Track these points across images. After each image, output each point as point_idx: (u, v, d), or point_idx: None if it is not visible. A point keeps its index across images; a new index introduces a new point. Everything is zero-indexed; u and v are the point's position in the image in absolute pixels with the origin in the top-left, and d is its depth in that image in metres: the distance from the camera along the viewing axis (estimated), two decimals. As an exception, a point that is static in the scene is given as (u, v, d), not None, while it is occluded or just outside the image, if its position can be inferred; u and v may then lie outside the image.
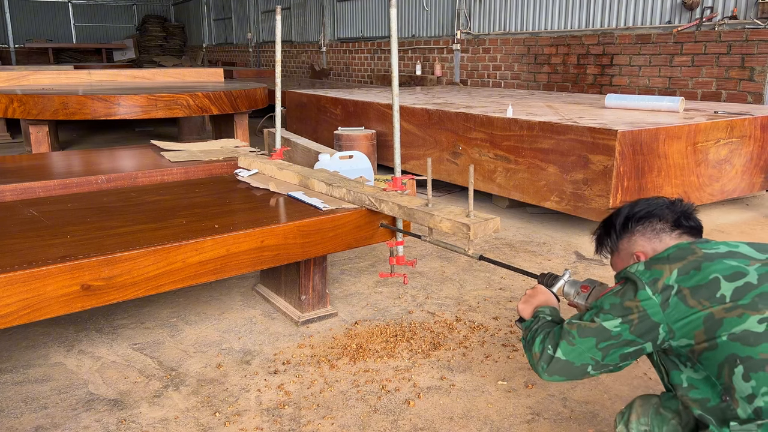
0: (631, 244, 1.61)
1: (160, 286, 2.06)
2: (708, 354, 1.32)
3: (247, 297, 3.02)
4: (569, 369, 1.47)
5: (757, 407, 1.23)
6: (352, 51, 11.62)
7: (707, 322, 1.32)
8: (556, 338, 1.50)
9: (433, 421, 2.02)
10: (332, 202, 2.58)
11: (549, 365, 1.48)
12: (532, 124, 4.04)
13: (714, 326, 1.31)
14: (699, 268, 1.37)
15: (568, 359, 1.46)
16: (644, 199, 1.65)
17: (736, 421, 1.25)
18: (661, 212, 1.58)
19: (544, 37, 7.54)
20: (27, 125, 6.05)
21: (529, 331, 1.61)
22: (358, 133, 5.22)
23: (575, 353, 1.45)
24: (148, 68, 11.11)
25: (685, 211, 1.58)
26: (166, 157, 3.56)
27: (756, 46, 5.44)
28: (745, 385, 1.25)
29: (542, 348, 1.51)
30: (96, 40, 20.54)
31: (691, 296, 1.35)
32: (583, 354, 1.45)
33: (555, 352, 1.47)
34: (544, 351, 1.50)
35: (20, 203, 2.69)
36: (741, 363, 1.26)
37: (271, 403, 2.12)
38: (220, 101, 6.12)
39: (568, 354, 1.46)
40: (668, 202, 1.60)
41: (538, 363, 1.51)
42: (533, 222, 4.29)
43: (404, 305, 2.92)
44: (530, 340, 1.58)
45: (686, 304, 1.35)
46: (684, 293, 1.36)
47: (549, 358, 1.48)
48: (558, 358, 1.47)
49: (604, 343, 1.42)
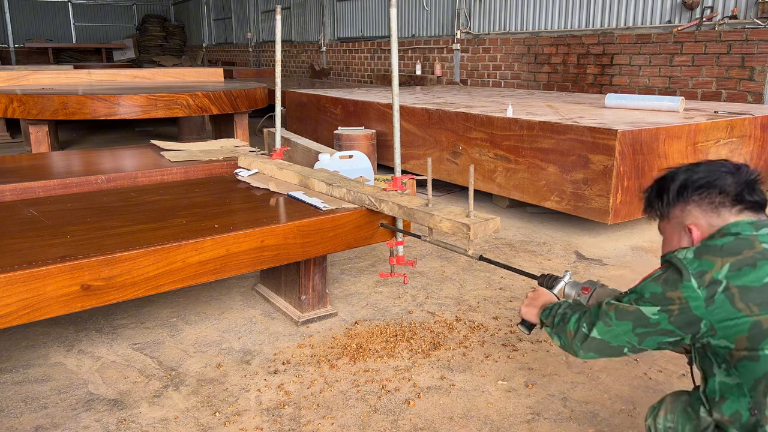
0: (684, 214, 1.43)
1: (160, 286, 2.06)
2: (747, 363, 1.25)
3: (247, 297, 3.02)
4: (605, 347, 1.44)
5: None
6: (352, 51, 11.62)
7: (753, 329, 1.23)
8: (592, 317, 1.46)
9: (433, 421, 2.02)
10: (332, 202, 2.58)
11: (584, 343, 1.45)
12: (532, 124, 4.04)
13: (759, 336, 1.22)
14: (754, 266, 1.25)
15: (603, 338, 1.43)
16: (705, 163, 1.45)
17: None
18: (722, 183, 1.38)
19: (544, 36, 7.54)
20: (27, 125, 6.05)
21: (553, 315, 1.59)
22: (358, 132, 5.22)
23: (611, 334, 1.41)
24: (147, 68, 11.11)
25: (749, 183, 1.38)
26: (166, 157, 3.56)
27: (756, 46, 5.44)
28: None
29: (577, 326, 1.48)
30: (96, 40, 20.53)
31: (740, 298, 1.24)
32: (620, 336, 1.40)
33: (590, 331, 1.44)
34: (579, 329, 1.47)
35: (20, 203, 2.69)
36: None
37: (271, 402, 2.12)
38: (220, 101, 6.12)
39: (604, 334, 1.42)
40: (732, 169, 1.41)
41: (572, 341, 1.48)
42: (533, 222, 4.29)
43: (404, 305, 2.92)
44: (559, 321, 1.55)
45: (733, 305, 1.25)
46: (732, 292, 1.25)
47: (584, 336, 1.45)
48: (593, 337, 1.43)
49: (642, 330, 1.37)
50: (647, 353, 2.43)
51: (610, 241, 3.83)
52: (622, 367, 2.35)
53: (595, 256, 3.58)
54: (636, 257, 3.56)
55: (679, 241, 1.45)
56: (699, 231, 1.40)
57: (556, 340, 1.56)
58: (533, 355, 2.44)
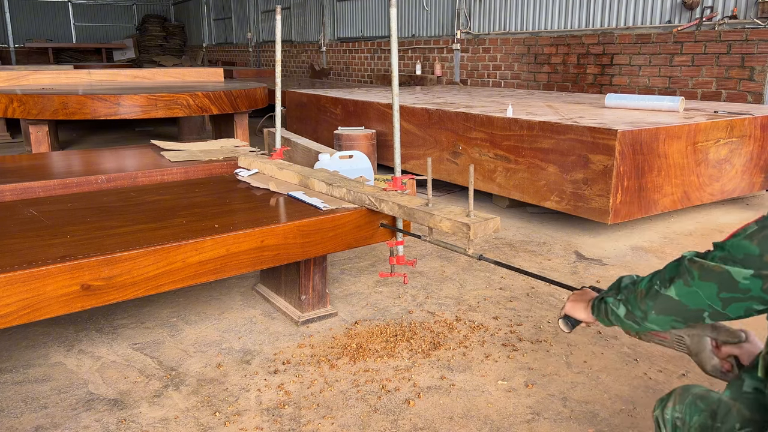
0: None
1: (160, 286, 2.06)
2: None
3: (247, 297, 3.02)
4: (681, 310, 1.28)
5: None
6: (352, 51, 11.62)
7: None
8: (670, 273, 1.29)
9: (433, 421, 2.02)
10: (332, 202, 2.58)
11: (656, 302, 1.29)
12: (532, 124, 4.04)
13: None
14: None
15: (681, 300, 1.26)
16: None
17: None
18: None
19: (544, 36, 7.54)
20: (27, 125, 6.05)
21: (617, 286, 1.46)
22: (358, 132, 5.22)
23: (691, 296, 1.25)
24: (148, 68, 11.12)
25: None
26: (166, 157, 3.56)
27: (756, 46, 5.44)
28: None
29: (650, 285, 1.31)
30: (96, 39, 20.54)
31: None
32: (700, 299, 1.24)
33: (667, 289, 1.27)
34: (652, 288, 1.30)
35: (20, 203, 2.69)
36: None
37: (271, 402, 2.12)
38: (220, 101, 6.12)
39: (682, 295, 1.26)
40: None
41: (641, 301, 1.32)
42: (533, 222, 4.29)
43: (404, 305, 2.92)
44: (627, 285, 1.41)
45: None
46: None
47: (658, 295, 1.29)
48: (669, 296, 1.27)
49: (727, 294, 1.21)
50: (647, 353, 2.43)
51: (610, 241, 3.83)
52: (622, 367, 2.35)
53: (595, 256, 3.58)
54: (636, 257, 3.56)
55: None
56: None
57: (621, 308, 1.39)
58: (533, 355, 2.44)
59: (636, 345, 2.50)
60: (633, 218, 3.77)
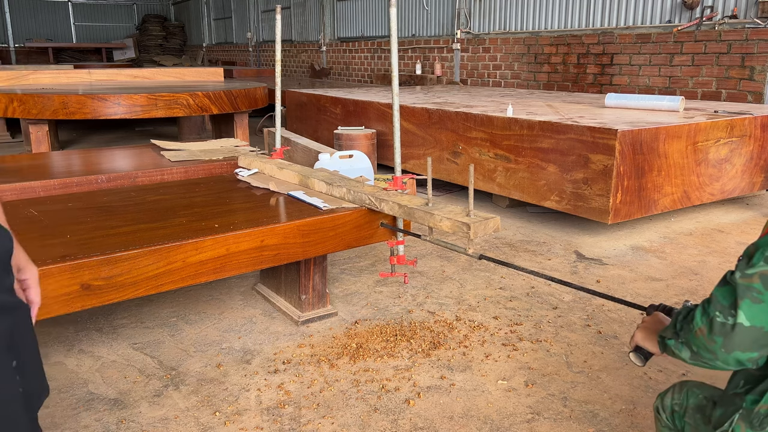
0: None
1: (160, 285, 2.06)
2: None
3: (247, 296, 3.02)
4: (758, 338, 1.09)
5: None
6: (352, 50, 11.62)
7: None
8: (728, 299, 1.12)
9: (433, 421, 2.02)
10: (332, 202, 2.58)
11: (728, 338, 1.10)
12: (532, 124, 4.04)
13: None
14: None
15: (755, 324, 1.08)
16: None
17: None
18: None
19: (544, 36, 7.53)
20: (27, 125, 6.05)
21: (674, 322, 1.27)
22: (358, 132, 5.22)
23: (765, 313, 1.08)
24: (148, 68, 11.11)
25: None
26: (166, 157, 3.56)
27: (756, 46, 5.43)
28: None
29: (709, 320, 1.13)
30: (96, 39, 20.53)
31: None
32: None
33: (734, 317, 1.09)
34: (713, 322, 1.12)
35: (20, 203, 2.69)
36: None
37: (271, 402, 2.12)
38: (220, 101, 6.12)
39: (755, 317, 1.08)
40: None
41: (709, 340, 1.13)
42: (533, 221, 4.29)
43: (404, 305, 2.92)
44: (683, 323, 1.23)
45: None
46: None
47: (726, 328, 1.10)
48: (740, 324, 1.09)
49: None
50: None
51: (609, 241, 3.83)
52: (622, 367, 2.35)
53: (595, 256, 3.58)
54: (636, 257, 3.56)
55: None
56: None
57: (685, 352, 1.21)
58: (533, 354, 2.44)
59: (636, 345, 2.50)
60: (633, 218, 3.77)
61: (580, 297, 2.97)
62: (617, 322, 2.71)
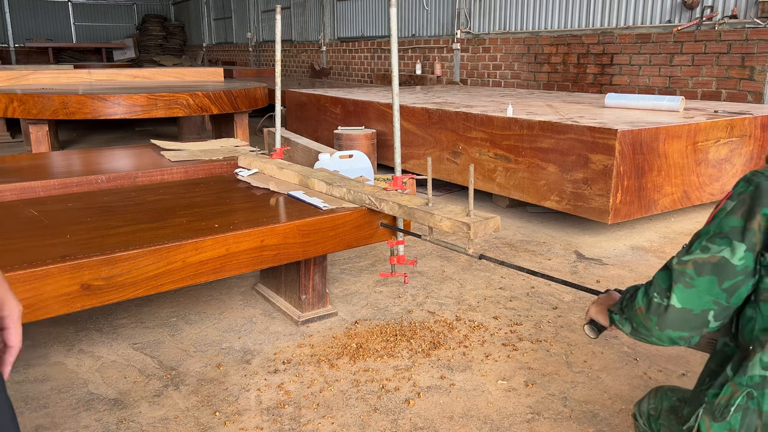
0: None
1: (160, 285, 2.06)
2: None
3: (247, 296, 3.02)
4: (688, 319, 1.20)
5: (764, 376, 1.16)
6: (352, 50, 11.62)
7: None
8: (664, 282, 1.22)
9: (433, 421, 2.02)
10: (332, 202, 2.58)
11: (661, 318, 1.22)
12: (532, 124, 4.04)
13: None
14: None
15: (685, 306, 1.19)
16: None
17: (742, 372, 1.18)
18: None
19: (544, 36, 7.54)
20: (27, 125, 6.05)
21: (621, 299, 1.38)
22: (358, 132, 5.22)
23: (695, 298, 1.18)
24: (148, 68, 11.12)
25: None
26: (166, 157, 3.56)
27: (756, 46, 5.43)
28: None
29: (647, 300, 1.24)
30: (96, 39, 20.53)
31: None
32: (704, 298, 1.18)
33: (668, 298, 1.20)
34: (650, 302, 1.23)
35: (20, 203, 2.69)
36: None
37: (271, 402, 2.12)
38: (220, 101, 6.12)
39: (685, 300, 1.19)
40: None
41: (646, 318, 1.25)
42: (533, 221, 4.29)
43: (404, 305, 2.92)
44: (627, 301, 1.33)
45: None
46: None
47: (660, 308, 1.22)
48: (672, 306, 1.20)
49: (729, 282, 1.16)
50: (647, 353, 2.43)
51: (609, 241, 3.83)
52: (622, 367, 2.35)
53: (595, 256, 3.58)
54: (636, 257, 3.56)
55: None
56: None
57: (627, 327, 1.33)
58: (533, 354, 2.44)
59: (636, 344, 2.50)
60: (633, 218, 3.77)
61: (580, 297, 2.97)
62: (617, 322, 2.71)
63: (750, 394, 1.16)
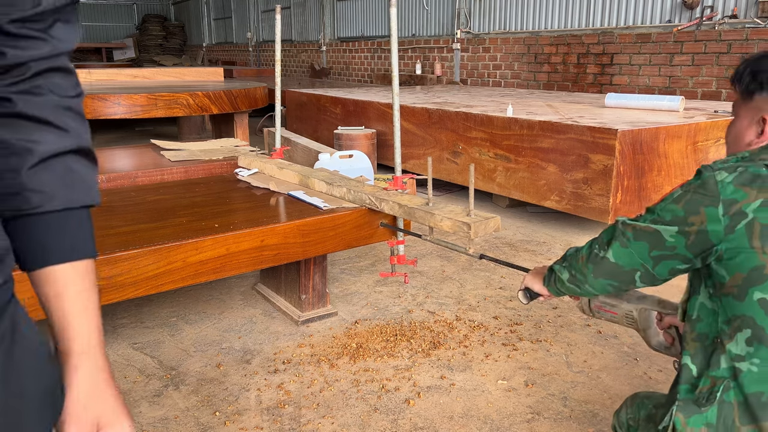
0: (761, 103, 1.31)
1: (160, 285, 2.06)
2: (732, 301, 1.23)
3: (247, 296, 3.02)
4: (618, 272, 1.35)
5: (738, 368, 1.20)
6: (352, 50, 11.62)
7: (753, 272, 1.19)
8: (607, 237, 1.37)
9: (433, 421, 2.02)
10: (332, 202, 2.58)
11: (596, 266, 1.37)
12: (532, 124, 4.04)
13: (755, 280, 1.19)
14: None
15: (617, 262, 1.34)
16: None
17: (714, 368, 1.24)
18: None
19: (544, 36, 7.53)
20: (27, 125, 6.03)
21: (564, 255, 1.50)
22: (358, 132, 5.22)
23: (627, 256, 1.32)
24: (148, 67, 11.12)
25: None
26: (166, 157, 3.56)
27: (756, 46, 5.43)
28: (743, 346, 1.21)
29: (590, 250, 1.39)
30: (96, 39, 20.53)
31: (759, 236, 1.18)
32: (634, 258, 1.32)
33: (606, 251, 1.35)
34: (591, 252, 1.39)
35: (20, 203, 2.68)
36: (752, 329, 1.19)
37: (271, 402, 2.12)
38: (220, 100, 6.12)
39: (619, 256, 1.33)
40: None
41: (584, 266, 1.39)
42: (533, 221, 4.29)
43: (404, 304, 2.92)
44: (571, 254, 1.47)
45: (750, 242, 1.19)
46: (754, 227, 1.19)
47: (597, 258, 1.37)
48: (607, 258, 1.35)
49: (657, 252, 1.29)
50: (647, 353, 2.43)
51: (610, 241, 3.83)
52: (622, 367, 2.35)
53: (595, 256, 3.57)
54: (636, 257, 3.56)
55: (747, 128, 1.35)
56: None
57: (565, 273, 1.46)
58: (533, 354, 2.44)
59: (636, 344, 2.50)
60: (633, 218, 3.77)
61: (580, 297, 2.97)
62: (617, 322, 2.71)
63: (726, 386, 1.20)
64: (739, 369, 1.20)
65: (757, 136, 1.33)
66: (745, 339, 1.20)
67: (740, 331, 1.21)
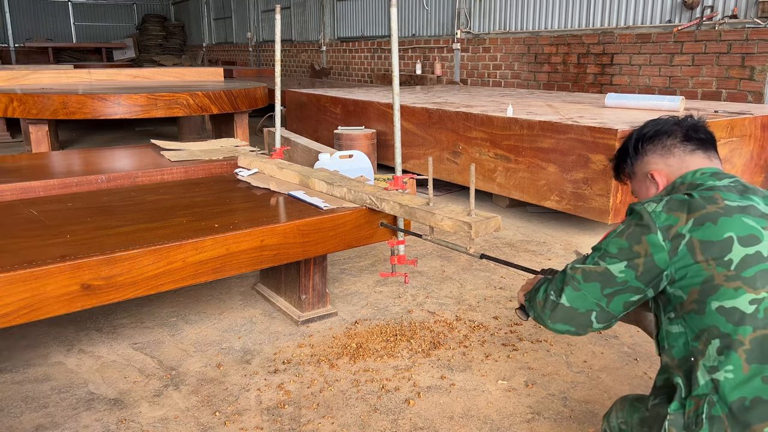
0: (644, 165, 1.57)
1: (160, 285, 2.06)
2: (695, 317, 1.30)
3: (247, 296, 3.02)
4: (574, 316, 1.42)
5: (716, 380, 1.25)
6: (353, 50, 11.62)
7: (705, 283, 1.28)
8: (559, 284, 1.45)
9: (433, 421, 2.02)
10: (333, 202, 2.58)
11: (553, 312, 1.44)
12: (532, 124, 4.04)
13: (709, 290, 1.28)
14: (715, 222, 1.30)
15: (572, 306, 1.41)
16: (652, 120, 1.63)
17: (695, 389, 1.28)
18: (669, 129, 1.56)
19: (544, 36, 7.54)
20: (27, 124, 6.05)
21: (529, 293, 1.58)
22: (358, 132, 5.22)
23: (580, 299, 1.40)
24: (148, 67, 11.11)
25: (693, 125, 1.55)
26: (166, 157, 3.56)
27: (756, 46, 5.43)
28: (715, 356, 1.26)
29: (545, 296, 1.47)
30: (96, 39, 20.53)
31: (700, 250, 1.29)
32: (588, 300, 1.40)
33: (559, 297, 1.43)
34: (547, 298, 1.46)
35: (20, 203, 2.68)
36: (719, 338, 1.26)
37: (271, 402, 2.12)
38: (220, 100, 6.12)
39: (573, 300, 1.41)
40: (676, 120, 1.59)
41: (542, 311, 1.47)
42: (533, 221, 4.29)
43: (404, 305, 2.92)
44: (533, 293, 1.54)
45: (694, 258, 1.30)
46: (694, 244, 1.30)
47: (553, 304, 1.44)
48: (562, 304, 1.42)
49: (610, 289, 1.38)
50: (647, 353, 2.43)
51: (610, 241, 3.83)
52: (622, 367, 2.35)
53: (595, 256, 3.57)
54: (636, 257, 3.56)
55: (647, 190, 1.57)
56: (661, 174, 1.53)
57: (532, 313, 1.55)
58: (533, 354, 2.44)
59: (636, 344, 2.50)
60: (633, 218, 3.77)
61: (580, 297, 2.96)
62: (617, 322, 2.71)
63: (710, 402, 1.24)
64: (716, 380, 1.25)
65: (656, 189, 1.53)
66: (716, 349, 1.26)
67: (709, 343, 1.28)
